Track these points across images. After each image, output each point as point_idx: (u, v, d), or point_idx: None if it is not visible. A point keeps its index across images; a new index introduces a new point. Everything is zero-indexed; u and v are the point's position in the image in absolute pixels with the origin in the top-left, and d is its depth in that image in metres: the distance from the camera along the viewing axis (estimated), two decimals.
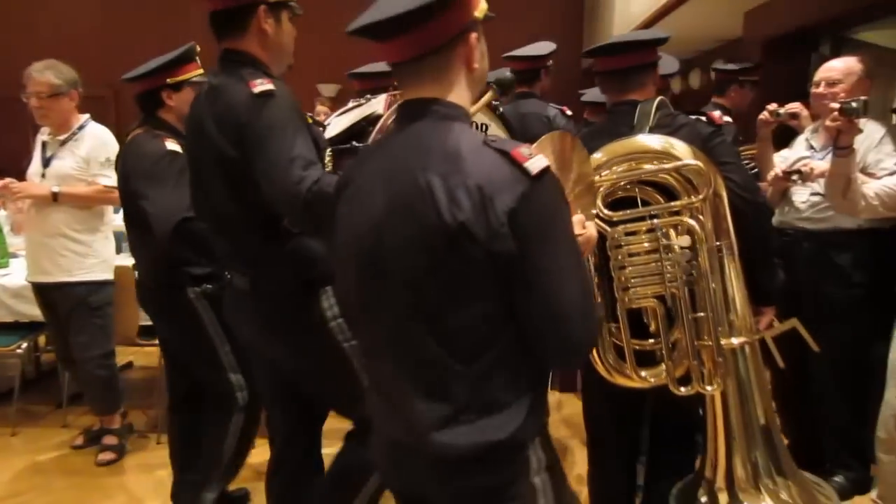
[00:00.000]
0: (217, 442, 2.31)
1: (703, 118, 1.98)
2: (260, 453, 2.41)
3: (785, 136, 3.15)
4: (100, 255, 3.10)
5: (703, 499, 1.64)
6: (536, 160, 1.06)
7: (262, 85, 1.63)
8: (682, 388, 1.63)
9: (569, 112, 3.32)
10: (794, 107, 2.81)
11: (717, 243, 1.68)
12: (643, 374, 1.63)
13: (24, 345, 3.58)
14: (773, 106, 2.81)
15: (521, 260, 1.05)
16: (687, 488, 1.74)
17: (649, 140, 1.69)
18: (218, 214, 1.79)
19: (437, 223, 1.05)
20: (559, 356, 1.16)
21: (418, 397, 1.12)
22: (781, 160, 3.00)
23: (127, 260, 3.58)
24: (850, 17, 4.25)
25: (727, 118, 2.98)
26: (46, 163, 3.06)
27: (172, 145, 2.22)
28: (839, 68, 2.56)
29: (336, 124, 2.01)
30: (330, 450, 2.02)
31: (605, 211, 1.68)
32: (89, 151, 3.04)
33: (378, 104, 1.88)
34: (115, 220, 3.20)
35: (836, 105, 2.17)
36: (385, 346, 1.17)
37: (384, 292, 1.14)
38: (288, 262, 1.74)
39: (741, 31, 5.14)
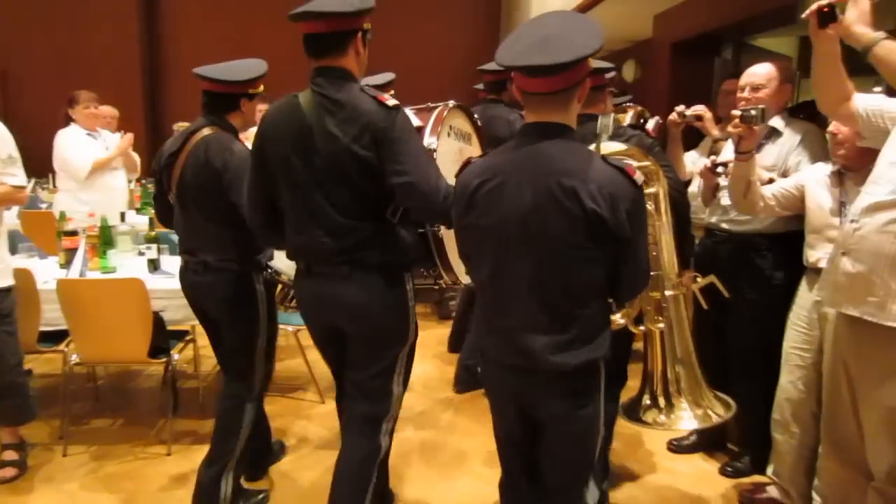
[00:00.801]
0: (233, 432, 2.48)
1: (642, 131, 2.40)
2: None
3: (694, 138, 3.32)
4: (3, 259, 2.84)
5: (647, 402, 2.14)
6: (638, 176, 1.57)
7: (390, 99, 1.94)
8: (640, 327, 2.10)
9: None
10: (699, 109, 2.95)
11: (661, 222, 2.11)
12: (613, 317, 1.99)
13: None
14: (680, 108, 2.94)
15: (629, 241, 1.58)
16: (633, 399, 2.18)
17: (618, 146, 2.01)
18: (330, 209, 1.96)
19: (581, 214, 1.53)
20: (633, 296, 1.83)
21: (539, 331, 1.61)
22: (691, 162, 3.15)
23: (23, 262, 3.35)
24: (750, 25, 4.52)
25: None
26: None
27: (248, 146, 2.30)
28: (762, 74, 2.65)
29: None
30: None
31: None
32: None
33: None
34: (6, 218, 2.93)
35: (737, 112, 2.30)
36: (518, 299, 1.62)
37: (528, 259, 1.59)
38: (391, 249, 2.02)
39: (651, 32, 5.35)
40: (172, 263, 3.45)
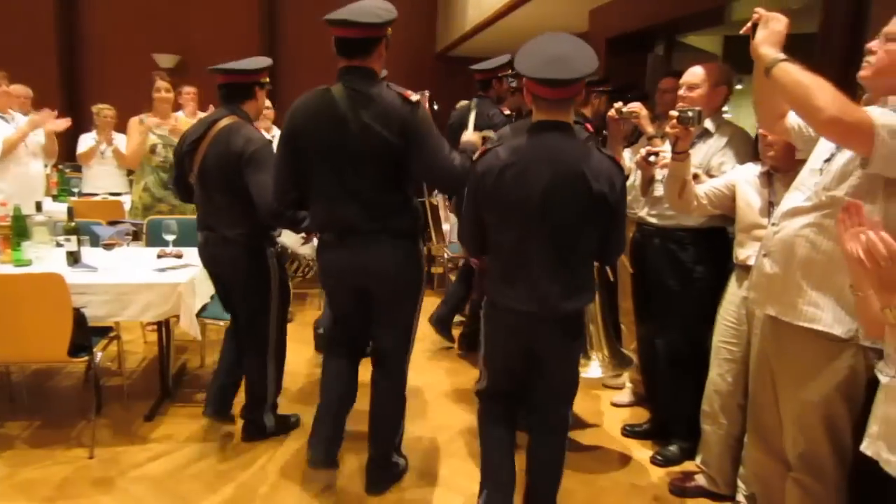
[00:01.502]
0: (261, 382, 2.98)
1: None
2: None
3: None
4: None
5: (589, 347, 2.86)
6: (624, 162, 2.20)
7: (413, 95, 2.33)
8: None
9: (507, 111, 3.94)
10: (634, 107, 3.00)
11: None
12: None
13: None
14: (618, 104, 2.99)
15: (620, 213, 2.12)
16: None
17: None
18: (361, 188, 2.36)
19: (588, 192, 2.00)
20: (617, 256, 2.33)
21: (554, 283, 2.07)
22: (628, 158, 3.22)
23: None
24: (680, 23, 4.64)
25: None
26: None
27: (266, 134, 2.72)
28: (697, 75, 2.73)
29: None
30: None
31: None
32: None
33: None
34: None
35: (674, 113, 2.36)
36: (541, 256, 2.06)
37: (549, 226, 2.03)
38: (410, 217, 2.47)
39: (587, 26, 5.42)
40: (94, 256, 3.28)
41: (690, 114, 2.30)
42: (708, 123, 2.75)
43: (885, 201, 1.72)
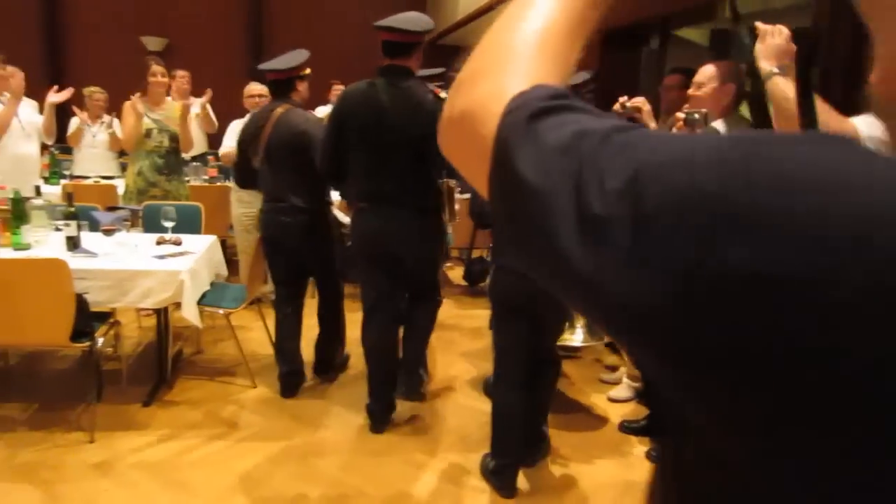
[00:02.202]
0: (337, 322, 3.60)
1: None
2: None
3: None
4: None
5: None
6: None
7: (442, 92, 2.75)
8: None
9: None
10: (638, 101, 3.04)
11: None
12: None
13: None
14: (623, 98, 3.03)
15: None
16: None
17: None
18: (395, 167, 2.84)
19: None
20: None
21: None
22: None
23: None
24: (675, 18, 4.69)
25: None
26: None
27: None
28: (707, 73, 2.71)
29: None
30: None
31: None
32: None
33: None
34: None
35: (681, 115, 2.39)
36: None
37: None
38: (432, 194, 2.94)
39: None
40: (93, 241, 3.28)
41: (697, 115, 2.33)
42: (718, 124, 2.75)
43: None
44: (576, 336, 3.24)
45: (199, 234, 3.89)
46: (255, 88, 4.59)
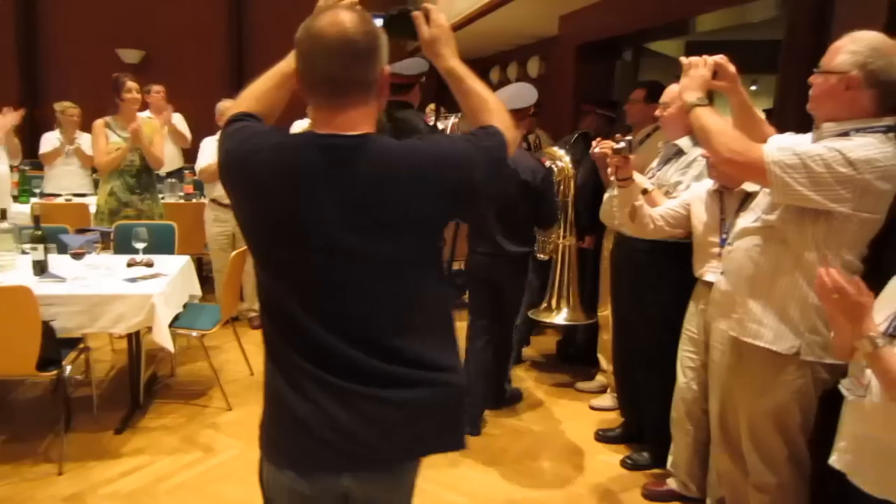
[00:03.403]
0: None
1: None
2: None
3: None
4: None
5: (544, 306, 3.50)
6: (546, 161, 3.41)
7: (431, 121, 3.31)
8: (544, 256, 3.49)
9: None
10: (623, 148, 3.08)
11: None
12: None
13: None
14: (614, 145, 3.06)
15: (542, 194, 3.25)
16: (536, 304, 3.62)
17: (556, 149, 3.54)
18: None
19: (523, 182, 3.14)
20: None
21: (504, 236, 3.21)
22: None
23: None
24: (648, 31, 4.71)
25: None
26: None
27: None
28: (672, 94, 2.77)
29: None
30: None
31: None
32: None
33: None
34: None
35: (614, 146, 2.55)
36: (494, 222, 3.19)
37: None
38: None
39: (557, 31, 5.47)
40: (62, 265, 3.20)
41: (623, 144, 2.55)
42: (683, 142, 2.79)
43: (813, 225, 1.82)
44: (560, 316, 3.48)
45: (173, 254, 3.82)
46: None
